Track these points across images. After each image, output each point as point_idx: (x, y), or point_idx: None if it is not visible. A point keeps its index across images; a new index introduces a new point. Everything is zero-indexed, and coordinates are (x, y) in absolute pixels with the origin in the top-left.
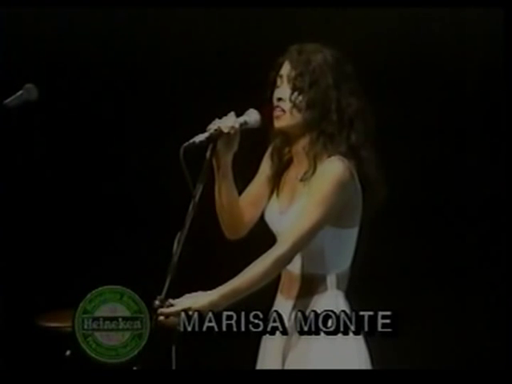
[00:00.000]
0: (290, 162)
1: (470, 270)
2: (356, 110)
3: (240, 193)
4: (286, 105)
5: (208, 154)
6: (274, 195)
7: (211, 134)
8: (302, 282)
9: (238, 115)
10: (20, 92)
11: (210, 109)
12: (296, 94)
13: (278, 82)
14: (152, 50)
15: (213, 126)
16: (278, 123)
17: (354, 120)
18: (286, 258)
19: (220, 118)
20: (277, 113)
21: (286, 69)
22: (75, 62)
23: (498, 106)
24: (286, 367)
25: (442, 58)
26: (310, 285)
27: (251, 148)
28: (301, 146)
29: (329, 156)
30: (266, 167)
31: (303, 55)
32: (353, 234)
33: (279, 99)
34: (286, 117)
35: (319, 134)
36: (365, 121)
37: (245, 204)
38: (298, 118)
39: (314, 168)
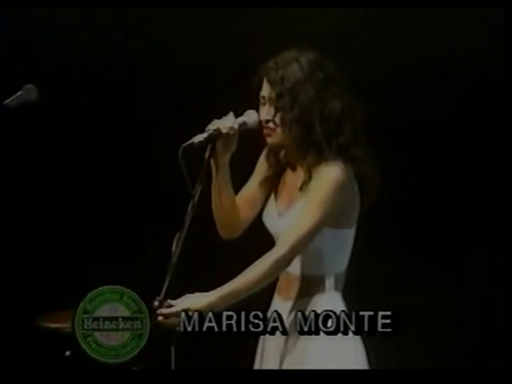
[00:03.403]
0: (287, 163)
1: (469, 269)
2: (341, 111)
3: (236, 192)
4: (273, 125)
5: (207, 154)
6: (272, 197)
7: (210, 135)
8: (300, 283)
9: (237, 116)
10: (20, 92)
11: (208, 109)
12: (279, 114)
13: (262, 100)
14: (152, 50)
15: (212, 127)
16: (270, 140)
17: (340, 122)
18: (286, 260)
19: (219, 118)
20: (266, 131)
21: (266, 89)
22: (75, 62)
23: (497, 105)
24: (284, 367)
25: (442, 58)
26: (308, 286)
27: (249, 148)
28: (294, 157)
29: (323, 162)
30: (262, 168)
31: (280, 72)
32: (350, 234)
33: (267, 120)
34: (276, 134)
35: (308, 145)
36: (352, 119)
37: (241, 204)
38: (285, 135)
39: (310, 177)
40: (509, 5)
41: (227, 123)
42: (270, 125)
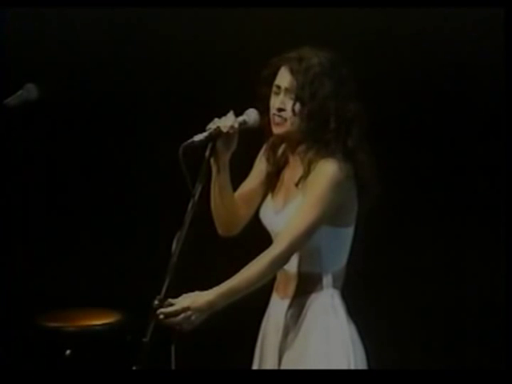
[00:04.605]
0: (285, 161)
1: (469, 269)
2: (353, 114)
3: (234, 190)
4: (287, 114)
5: (207, 153)
6: (269, 195)
7: (210, 134)
8: (297, 281)
9: (237, 115)
10: (20, 91)
11: (209, 108)
12: (298, 104)
13: (275, 89)
14: (152, 49)
15: (212, 126)
16: (277, 130)
17: (351, 124)
18: (283, 258)
19: (219, 117)
20: (277, 120)
21: (285, 78)
22: (76, 61)
23: (497, 106)
24: (283, 366)
25: (442, 59)
26: (305, 283)
27: (249, 147)
28: (297, 151)
29: (323, 158)
30: (260, 166)
31: (303, 64)
32: (349, 232)
33: (280, 109)
34: (286, 125)
35: (315, 141)
36: (361, 124)
37: (239, 201)
38: (297, 126)
39: (308, 172)
40: (509, 5)
41: (227, 122)
42: (282, 114)
